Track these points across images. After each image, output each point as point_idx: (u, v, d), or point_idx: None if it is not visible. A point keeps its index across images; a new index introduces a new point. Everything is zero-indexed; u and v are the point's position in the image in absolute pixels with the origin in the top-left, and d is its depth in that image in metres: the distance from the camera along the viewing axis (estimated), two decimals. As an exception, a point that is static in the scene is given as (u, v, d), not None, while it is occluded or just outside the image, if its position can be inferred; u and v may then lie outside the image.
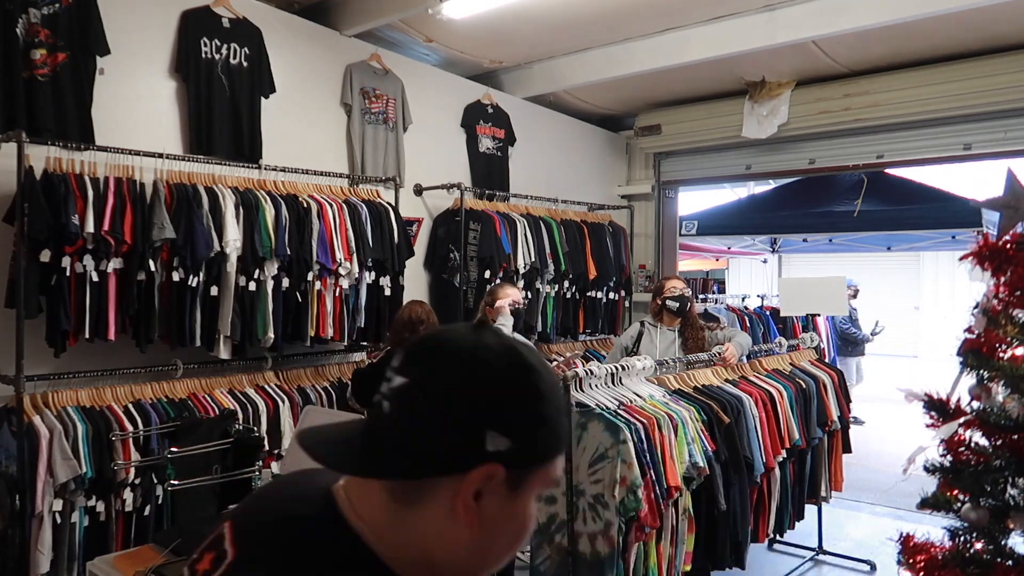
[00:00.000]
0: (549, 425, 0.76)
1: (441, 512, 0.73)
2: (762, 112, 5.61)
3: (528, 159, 5.79)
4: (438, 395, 0.72)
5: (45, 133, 3.15)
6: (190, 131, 3.78)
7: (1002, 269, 1.84)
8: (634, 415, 2.91)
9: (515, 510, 0.78)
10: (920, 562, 1.84)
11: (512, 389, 0.74)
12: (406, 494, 0.75)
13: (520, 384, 0.75)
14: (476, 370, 0.74)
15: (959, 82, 4.84)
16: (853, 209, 6.91)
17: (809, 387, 3.92)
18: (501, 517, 0.76)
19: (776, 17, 4.47)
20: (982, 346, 1.83)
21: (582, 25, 4.74)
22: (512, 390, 0.74)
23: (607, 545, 2.82)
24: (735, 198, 9.13)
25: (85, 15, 3.33)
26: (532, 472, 0.77)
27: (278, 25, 4.19)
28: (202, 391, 3.54)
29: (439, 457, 0.72)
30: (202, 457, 1.91)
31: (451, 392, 0.72)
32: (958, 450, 1.87)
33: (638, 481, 2.76)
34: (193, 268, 3.34)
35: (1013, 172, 2.04)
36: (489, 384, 0.73)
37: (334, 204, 3.93)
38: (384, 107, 4.69)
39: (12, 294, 3.02)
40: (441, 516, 0.74)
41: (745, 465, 3.33)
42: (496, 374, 0.74)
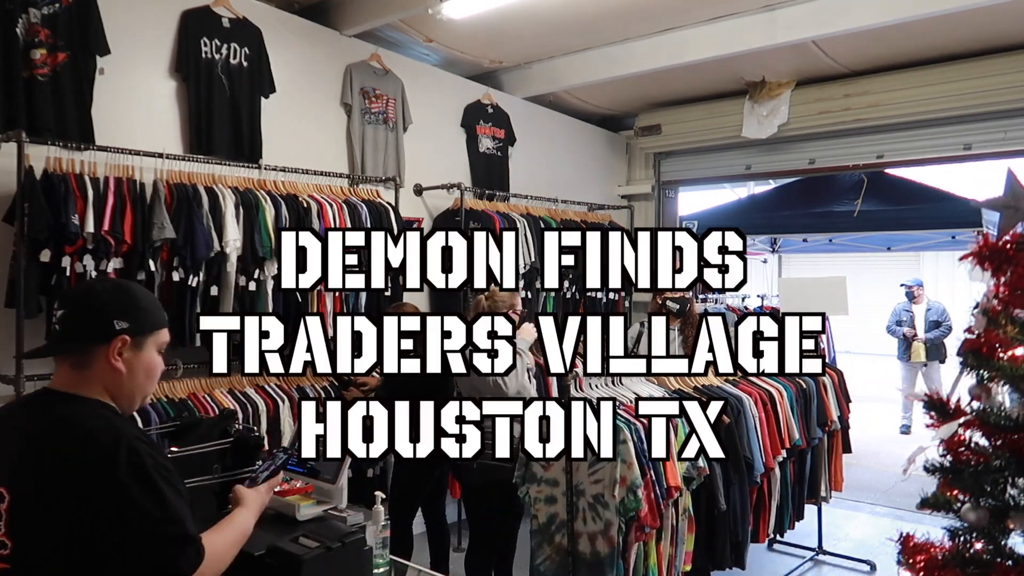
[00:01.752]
0: (144, 312, 1.50)
1: (104, 365, 1.44)
2: (762, 112, 5.61)
3: (528, 159, 5.79)
4: (84, 310, 1.47)
5: (45, 133, 3.15)
6: (190, 131, 3.78)
7: (1002, 269, 1.84)
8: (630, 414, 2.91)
9: (143, 358, 1.49)
10: (920, 562, 1.84)
11: (121, 297, 1.50)
12: (81, 364, 1.44)
13: (125, 294, 1.52)
14: (94, 294, 1.51)
15: (959, 82, 4.84)
16: (853, 209, 6.90)
17: (809, 387, 3.92)
18: (136, 363, 1.48)
19: (776, 17, 4.47)
20: (982, 346, 1.83)
21: (582, 25, 4.74)
22: (121, 297, 1.50)
23: (607, 545, 2.82)
24: (735, 198, 9.12)
25: (85, 15, 3.33)
26: (144, 337, 1.49)
27: (278, 25, 4.19)
28: (202, 391, 3.54)
29: (93, 337, 1.44)
30: (202, 457, 1.91)
31: (90, 306, 1.47)
32: (958, 450, 1.87)
33: (638, 481, 2.76)
34: (193, 268, 3.34)
35: (1013, 172, 2.03)
36: (108, 297, 1.49)
37: (334, 204, 3.93)
38: (384, 107, 4.69)
39: (12, 294, 3.02)
40: (105, 368, 1.44)
41: (745, 465, 3.33)
42: (109, 292, 1.52)
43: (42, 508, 1.31)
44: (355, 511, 1.92)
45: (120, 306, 1.47)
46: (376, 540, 1.91)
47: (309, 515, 1.82)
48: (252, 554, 1.59)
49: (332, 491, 1.92)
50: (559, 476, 2.97)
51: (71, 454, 1.33)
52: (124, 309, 1.47)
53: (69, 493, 1.30)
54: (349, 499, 1.98)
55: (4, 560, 1.32)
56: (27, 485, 1.33)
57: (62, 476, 1.31)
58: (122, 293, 1.53)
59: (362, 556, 1.76)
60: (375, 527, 1.92)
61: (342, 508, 1.90)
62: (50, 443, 1.35)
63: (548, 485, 3.05)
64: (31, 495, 1.32)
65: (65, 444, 1.34)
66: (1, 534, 1.32)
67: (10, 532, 1.32)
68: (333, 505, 1.90)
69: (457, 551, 4.65)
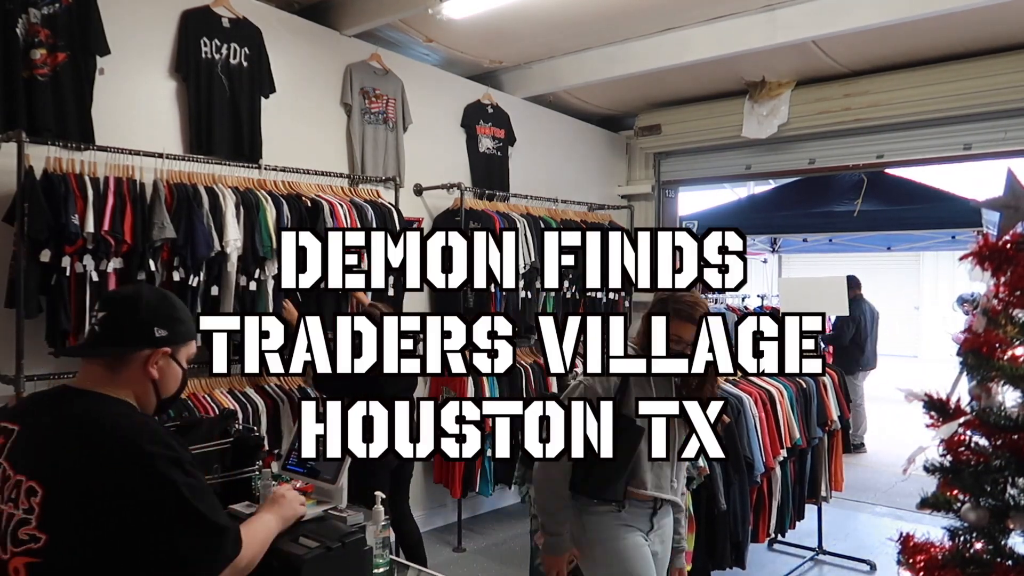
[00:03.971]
0: (181, 323, 1.55)
1: (139, 370, 1.49)
2: (762, 112, 5.61)
3: (528, 159, 5.79)
4: (128, 314, 1.50)
5: (45, 133, 3.16)
6: (190, 131, 3.78)
7: (1002, 269, 1.84)
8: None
9: (174, 368, 1.55)
10: (920, 562, 1.84)
11: (163, 306, 1.54)
12: (114, 367, 1.48)
13: (167, 304, 1.56)
14: (140, 301, 1.52)
15: (959, 82, 4.84)
16: (853, 209, 6.91)
17: (809, 387, 3.93)
18: (168, 371, 1.54)
19: (776, 17, 4.47)
20: (982, 346, 1.83)
21: (582, 25, 4.74)
22: (163, 306, 1.54)
23: (607, 545, 2.82)
24: (735, 198, 9.12)
25: (85, 15, 3.33)
26: (179, 347, 1.55)
27: (278, 25, 4.19)
28: (202, 391, 3.55)
29: (134, 342, 1.49)
30: (202, 457, 1.91)
31: (135, 312, 1.50)
32: (958, 450, 1.87)
33: (638, 481, 2.76)
34: (193, 268, 3.35)
35: (1013, 172, 2.03)
36: (152, 304, 1.52)
37: (344, 205, 3.94)
38: (384, 107, 4.69)
39: (12, 294, 3.02)
40: (139, 373, 1.49)
41: (745, 465, 3.33)
42: (154, 300, 1.54)
43: (78, 502, 1.32)
44: (355, 511, 1.92)
45: (162, 315, 1.52)
46: (376, 540, 1.91)
47: (309, 515, 1.81)
48: (252, 554, 1.59)
49: (332, 491, 1.92)
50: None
51: (108, 450, 1.34)
52: (165, 318, 1.52)
53: (107, 488, 1.32)
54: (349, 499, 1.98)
55: (36, 554, 1.32)
56: (62, 480, 1.34)
57: (99, 471, 1.33)
58: (165, 302, 1.57)
59: (362, 556, 1.76)
60: (375, 527, 1.92)
61: (342, 508, 1.90)
62: (84, 439, 1.36)
63: (548, 485, 3.04)
64: (66, 490, 1.33)
65: (101, 440, 1.36)
66: (33, 528, 1.32)
67: (43, 525, 1.32)
68: (333, 505, 1.90)
69: (457, 551, 4.66)
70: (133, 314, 1.50)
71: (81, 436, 1.37)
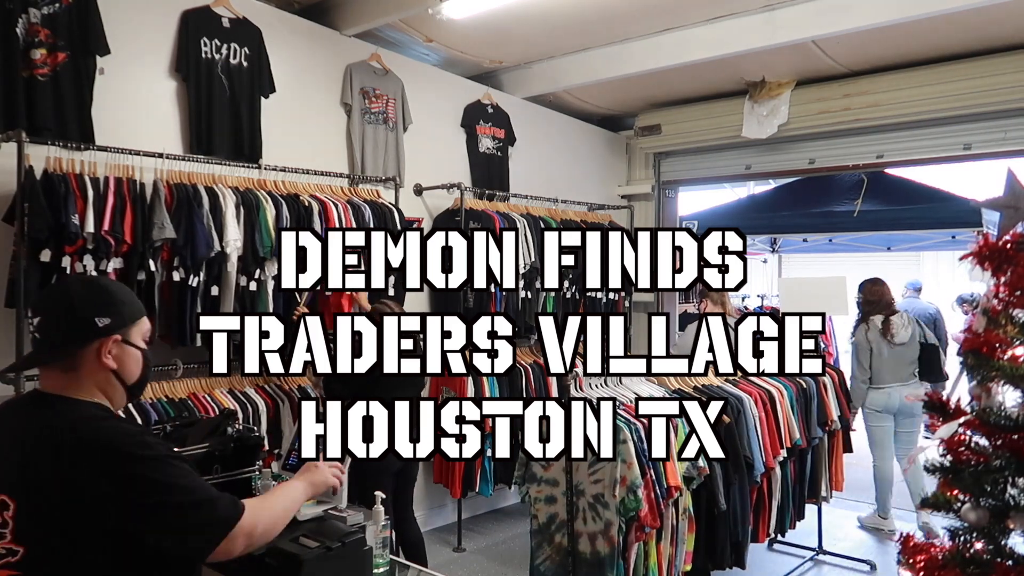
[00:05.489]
0: (122, 304, 1.49)
1: (95, 365, 1.44)
2: (762, 112, 5.61)
3: (528, 159, 5.79)
4: (63, 313, 1.44)
5: (45, 133, 3.15)
6: (190, 131, 3.78)
7: (1002, 269, 1.84)
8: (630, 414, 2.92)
9: (131, 351, 1.49)
10: (920, 562, 1.84)
11: (96, 294, 1.49)
12: (70, 368, 1.43)
13: (100, 290, 1.51)
14: (71, 297, 1.46)
15: (959, 82, 4.84)
16: (853, 209, 6.90)
17: (809, 387, 3.93)
18: (126, 357, 1.48)
19: (776, 17, 4.47)
20: (982, 346, 1.83)
21: (582, 25, 4.74)
22: (96, 294, 1.48)
23: (607, 545, 2.82)
24: (735, 198, 9.12)
25: (85, 15, 3.33)
26: (128, 329, 1.48)
27: (278, 25, 4.19)
28: (202, 391, 3.54)
29: (78, 339, 1.43)
30: (202, 457, 1.91)
31: (68, 309, 1.44)
32: (958, 450, 1.87)
33: (638, 481, 2.77)
34: (193, 268, 3.34)
35: (1013, 172, 2.04)
36: (83, 296, 1.46)
37: (339, 205, 3.93)
38: (384, 107, 4.69)
39: (12, 294, 3.02)
40: (96, 367, 1.44)
41: (745, 465, 3.33)
42: (83, 291, 1.49)
43: (51, 513, 1.30)
44: (355, 511, 1.92)
45: (99, 303, 1.45)
46: (376, 540, 1.91)
47: (309, 515, 1.82)
48: (252, 553, 1.59)
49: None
50: (559, 476, 2.98)
51: (79, 456, 1.32)
52: (102, 305, 1.45)
53: (83, 494, 1.30)
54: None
55: (14, 567, 1.31)
56: (33, 491, 1.32)
57: (71, 479, 1.31)
58: (97, 290, 1.52)
59: (362, 556, 1.76)
60: (375, 527, 1.92)
61: (342, 508, 1.90)
62: (54, 448, 1.33)
63: (548, 485, 3.05)
64: (37, 501, 1.32)
65: (71, 447, 1.32)
66: (8, 541, 1.32)
67: (18, 538, 1.31)
68: (333, 505, 1.90)
69: (457, 551, 4.66)
70: (68, 312, 1.43)
71: (50, 445, 1.34)
